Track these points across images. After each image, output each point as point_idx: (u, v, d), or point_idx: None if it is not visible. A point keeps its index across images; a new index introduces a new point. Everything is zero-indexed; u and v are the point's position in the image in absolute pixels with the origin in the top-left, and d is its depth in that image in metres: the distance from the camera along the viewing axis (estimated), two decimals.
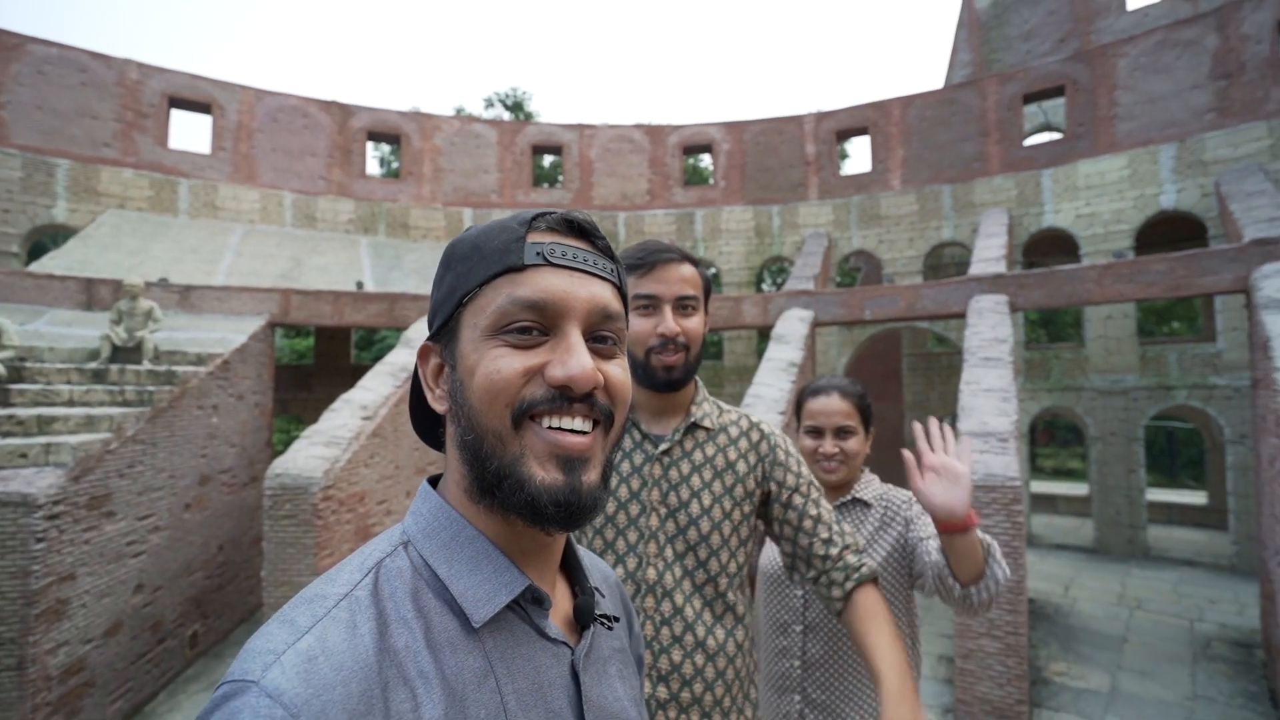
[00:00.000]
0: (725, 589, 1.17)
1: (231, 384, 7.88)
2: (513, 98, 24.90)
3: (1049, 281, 8.69)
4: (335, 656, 0.41)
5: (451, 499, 0.54)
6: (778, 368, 8.11)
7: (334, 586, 0.46)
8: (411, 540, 0.52)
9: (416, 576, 0.49)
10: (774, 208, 14.32)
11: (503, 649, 0.50)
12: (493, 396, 0.49)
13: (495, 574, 0.51)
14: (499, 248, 0.52)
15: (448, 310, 0.53)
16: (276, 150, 12.81)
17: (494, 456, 0.50)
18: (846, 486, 1.70)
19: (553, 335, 0.51)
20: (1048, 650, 7.22)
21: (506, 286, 0.51)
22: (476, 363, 0.50)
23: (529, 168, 14.77)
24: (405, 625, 0.46)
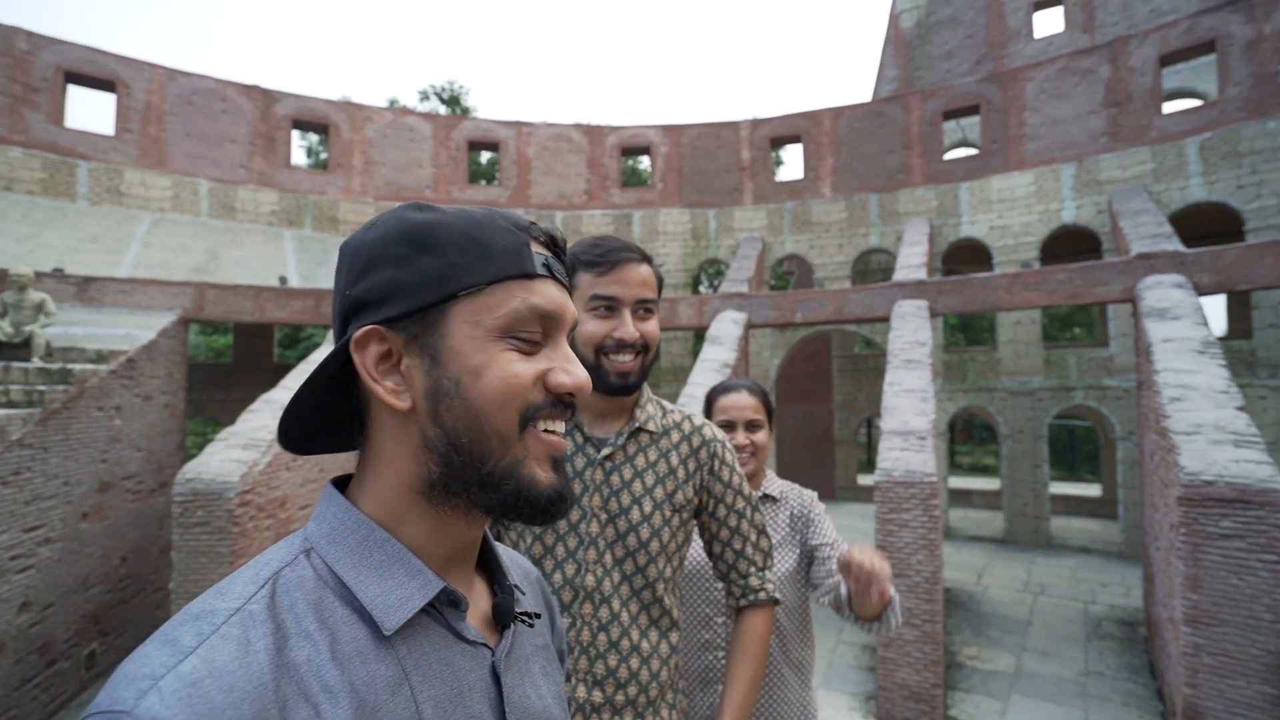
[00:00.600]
0: (662, 594, 1.18)
1: (138, 384, 7.36)
2: (449, 91, 24.31)
3: (965, 288, 9.25)
4: (225, 677, 0.39)
5: (372, 502, 0.51)
6: (712, 368, 8.27)
7: (224, 600, 0.43)
8: (315, 547, 0.49)
9: (320, 586, 0.47)
10: (710, 211, 14.59)
11: (417, 655, 0.48)
12: (508, 400, 0.50)
13: (407, 578, 0.49)
14: (509, 249, 0.51)
15: (427, 298, 0.49)
16: (191, 135, 12.03)
17: (493, 458, 0.49)
18: (755, 481, 1.80)
19: (547, 343, 0.53)
20: (961, 636, 7.68)
21: (521, 291, 0.51)
22: (487, 362, 0.50)
23: (465, 163, 14.47)
24: (307, 638, 0.44)
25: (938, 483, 5.57)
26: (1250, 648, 4.40)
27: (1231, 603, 4.47)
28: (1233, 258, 7.61)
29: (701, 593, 1.70)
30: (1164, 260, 7.87)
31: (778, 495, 1.80)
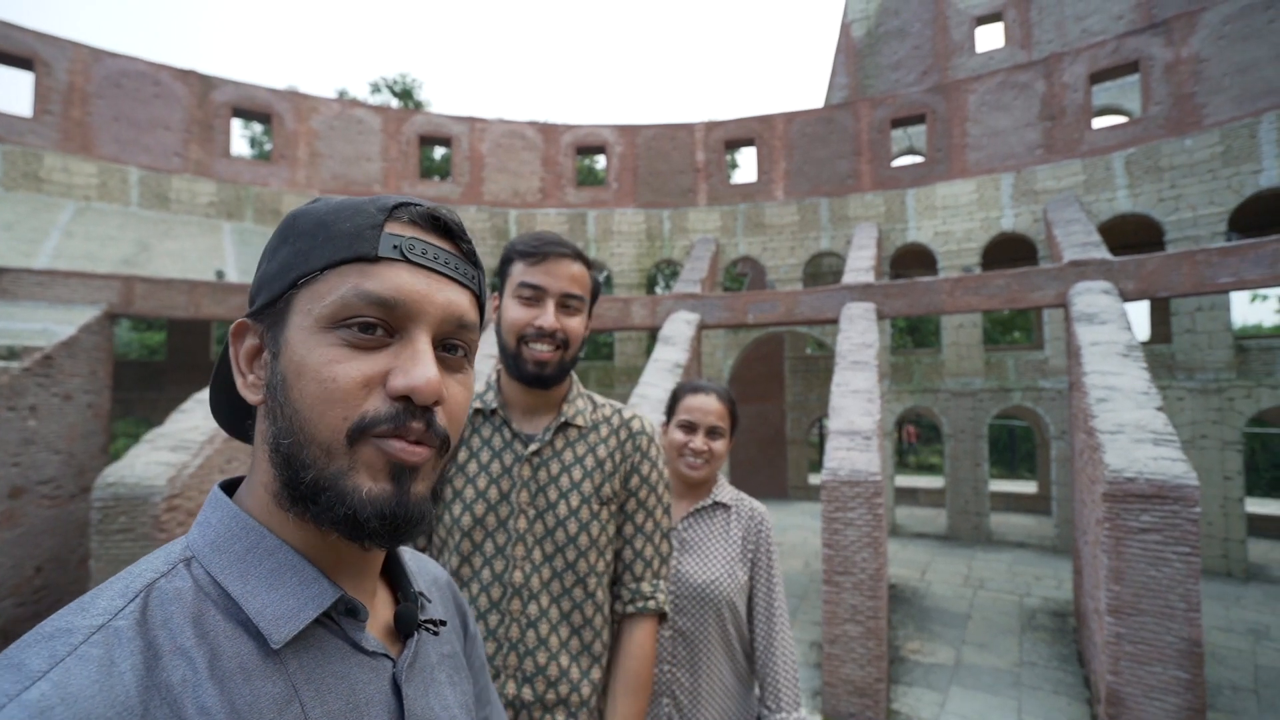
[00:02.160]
0: (594, 588, 1.17)
1: (55, 382, 6.91)
2: (401, 84, 23.74)
3: (910, 292, 9.53)
4: (80, 703, 0.35)
5: (253, 504, 0.48)
6: (664, 368, 8.30)
7: (84, 618, 0.39)
8: (196, 555, 0.45)
9: (201, 598, 0.43)
10: (665, 212, 14.65)
11: (309, 669, 0.45)
12: (326, 407, 0.44)
13: (300, 587, 0.45)
14: (350, 231, 0.46)
15: (277, 289, 0.47)
16: (120, 120, 11.38)
17: (312, 467, 0.44)
18: (706, 488, 1.75)
19: (398, 338, 0.47)
20: (905, 630, 7.90)
21: (354, 276, 0.46)
22: (305, 358, 0.45)
23: (416, 158, 14.14)
24: (183, 656, 0.40)
25: (882, 481, 5.71)
26: (1165, 635, 4.66)
27: (1150, 593, 4.73)
28: (1154, 266, 8.07)
29: None
30: (1093, 268, 8.28)
31: (730, 503, 1.74)
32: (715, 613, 1.61)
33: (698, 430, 1.68)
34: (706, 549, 1.68)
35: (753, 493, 16.10)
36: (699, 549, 1.68)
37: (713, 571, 1.64)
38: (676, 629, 1.62)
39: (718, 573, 1.64)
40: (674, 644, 1.61)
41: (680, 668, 1.61)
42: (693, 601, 1.62)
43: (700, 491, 1.75)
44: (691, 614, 1.62)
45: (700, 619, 1.62)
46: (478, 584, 1.13)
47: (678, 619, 1.62)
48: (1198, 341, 10.20)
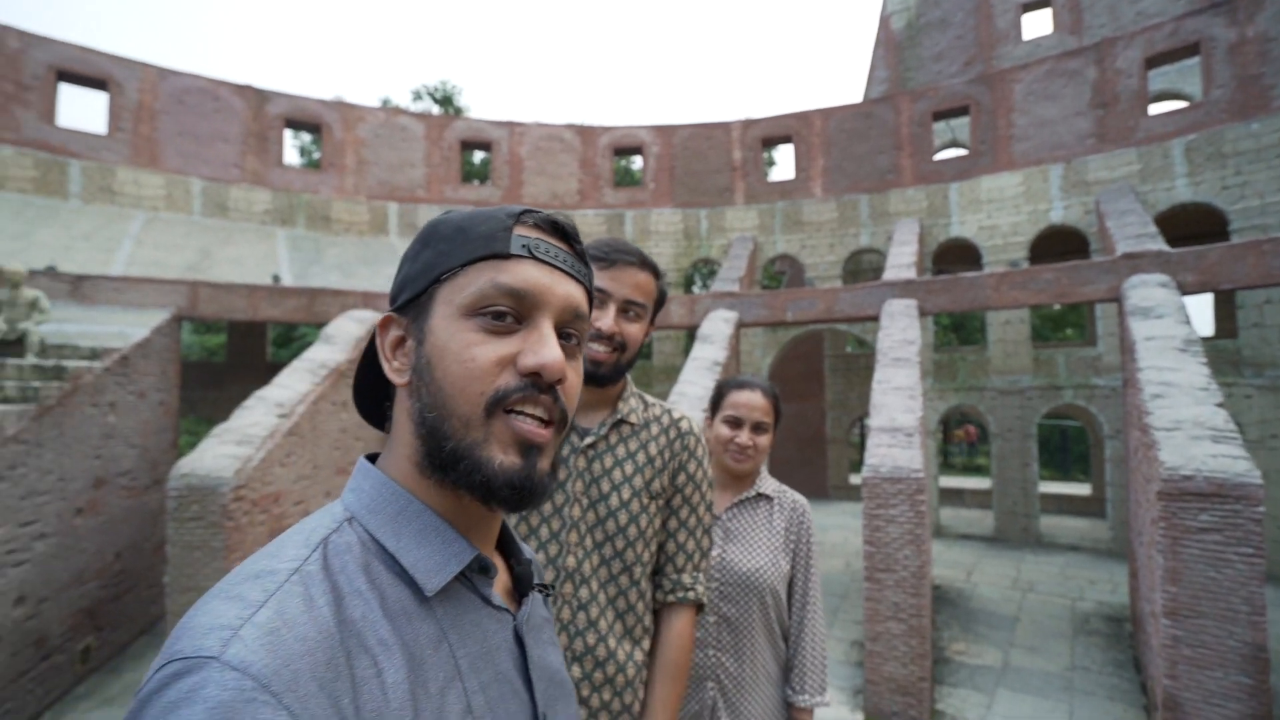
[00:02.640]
0: (639, 577, 1.24)
1: (132, 381, 7.38)
2: (442, 91, 24.32)
3: (953, 288, 9.35)
4: (298, 628, 0.41)
5: (396, 473, 0.55)
6: (702, 367, 8.35)
7: (280, 562, 0.45)
8: (355, 516, 0.52)
9: (365, 550, 0.50)
10: (702, 211, 14.67)
11: (452, 616, 0.51)
12: (466, 383, 0.51)
13: (444, 545, 0.52)
14: (486, 233, 0.53)
15: (421, 285, 0.54)
16: (184, 134, 12.03)
17: (452, 437, 0.51)
18: (749, 480, 1.80)
19: (525, 325, 0.53)
20: (950, 632, 7.77)
21: (490, 271, 0.52)
22: (448, 342, 0.52)
23: (458, 163, 14.51)
24: (360, 597, 0.46)
25: (924, 478, 5.65)
26: (1227, 639, 4.49)
27: (1209, 595, 4.57)
28: (1216, 257, 7.74)
29: None
30: (1149, 260, 7.98)
31: (772, 495, 1.80)
32: (759, 600, 1.67)
33: (743, 425, 1.73)
34: (751, 538, 1.73)
35: None
36: (743, 538, 1.73)
37: (757, 560, 1.69)
38: (721, 615, 1.67)
39: (762, 561, 1.69)
40: (719, 630, 1.66)
41: (725, 653, 1.66)
42: (737, 589, 1.67)
43: (744, 483, 1.80)
44: (736, 600, 1.67)
45: (744, 605, 1.67)
46: None
47: (722, 605, 1.67)
48: (1266, 336, 9.72)
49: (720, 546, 1.72)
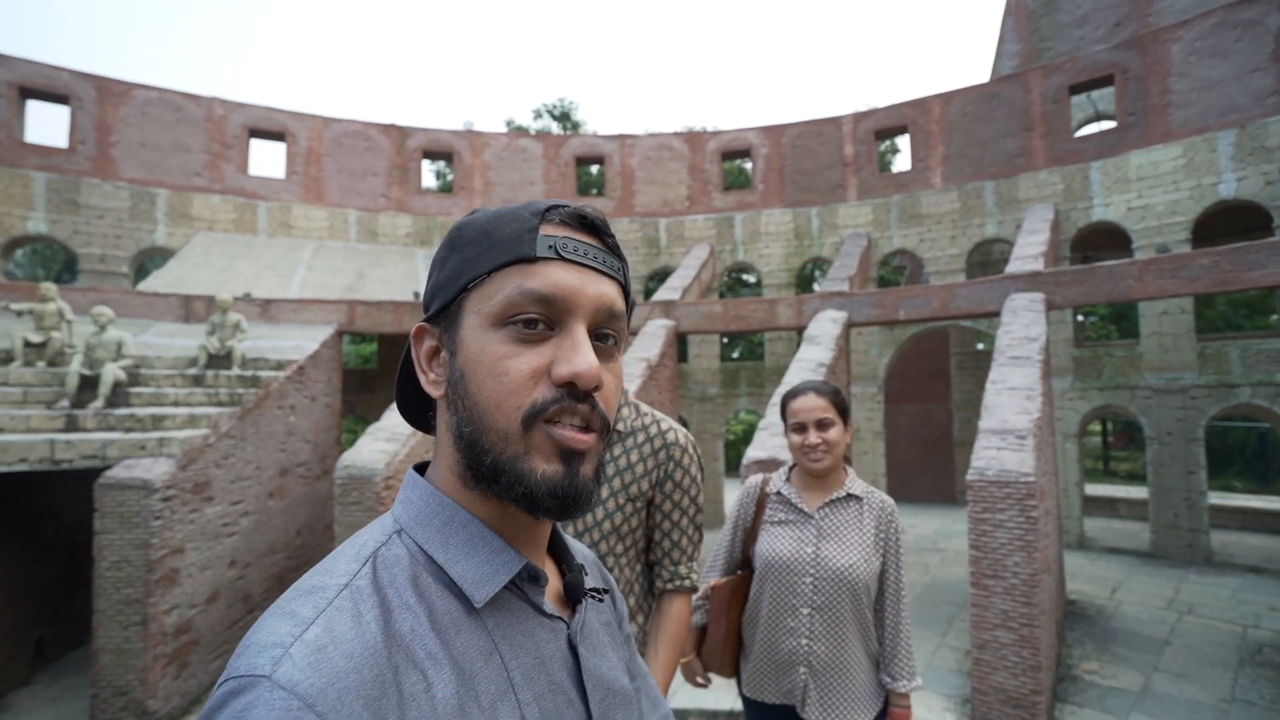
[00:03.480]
0: (611, 566, 1.40)
1: (306, 386, 8.77)
2: (560, 108, 25.71)
3: (1088, 278, 8.60)
4: (345, 645, 0.41)
5: (443, 484, 0.54)
6: (807, 368, 8.36)
7: (331, 578, 0.46)
8: (404, 528, 0.52)
9: (414, 563, 0.49)
10: (813, 209, 14.45)
11: (503, 627, 0.50)
12: (501, 398, 0.49)
13: (492, 555, 0.51)
14: (510, 236, 0.51)
15: (450, 294, 0.52)
16: (342, 171, 13.89)
17: (491, 451, 0.49)
18: (837, 480, 1.92)
19: (558, 330, 0.51)
20: (1082, 649, 7.21)
21: (516, 277, 0.50)
22: (480, 354, 0.50)
23: (573, 178, 15.41)
24: (409, 610, 0.46)
25: (1037, 483, 5.38)
26: None
27: None
28: None
29: (789, 585, 1.86)
30: None
31: (861, 494, 1.90)
32: (851, 594, 1.79)
33: (807, 428, 1.86)
34: (843, 536, 1.85)
35: (916, 497, 15.29)
36: (836, 536, 1.85)
37: (850, 557, 1.81)
38: (815, 606, 1.80)
39: (854, 558, 1.80)
40: (812, 620, 1.80)
41: (817, 641, 1.80)
42: (831, 583, 1.80)
43: (832, 483, 1.93)
44: (829, 593, 1.80)
45: (836, 598, 1.80)
46: None
47: (815, 597, 1.80)
48: None
49: (814, 544, 1.85)
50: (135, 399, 6.89)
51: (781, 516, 1.93)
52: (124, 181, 11.93)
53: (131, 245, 11.92)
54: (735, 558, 2.04)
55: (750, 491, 2.04)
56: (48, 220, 11.35)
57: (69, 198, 11.49)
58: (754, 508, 2.01)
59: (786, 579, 1.84)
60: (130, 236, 11.92)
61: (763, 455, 6.49)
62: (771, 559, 1.88)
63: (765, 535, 1.93)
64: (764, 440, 6.81)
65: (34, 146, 11.38)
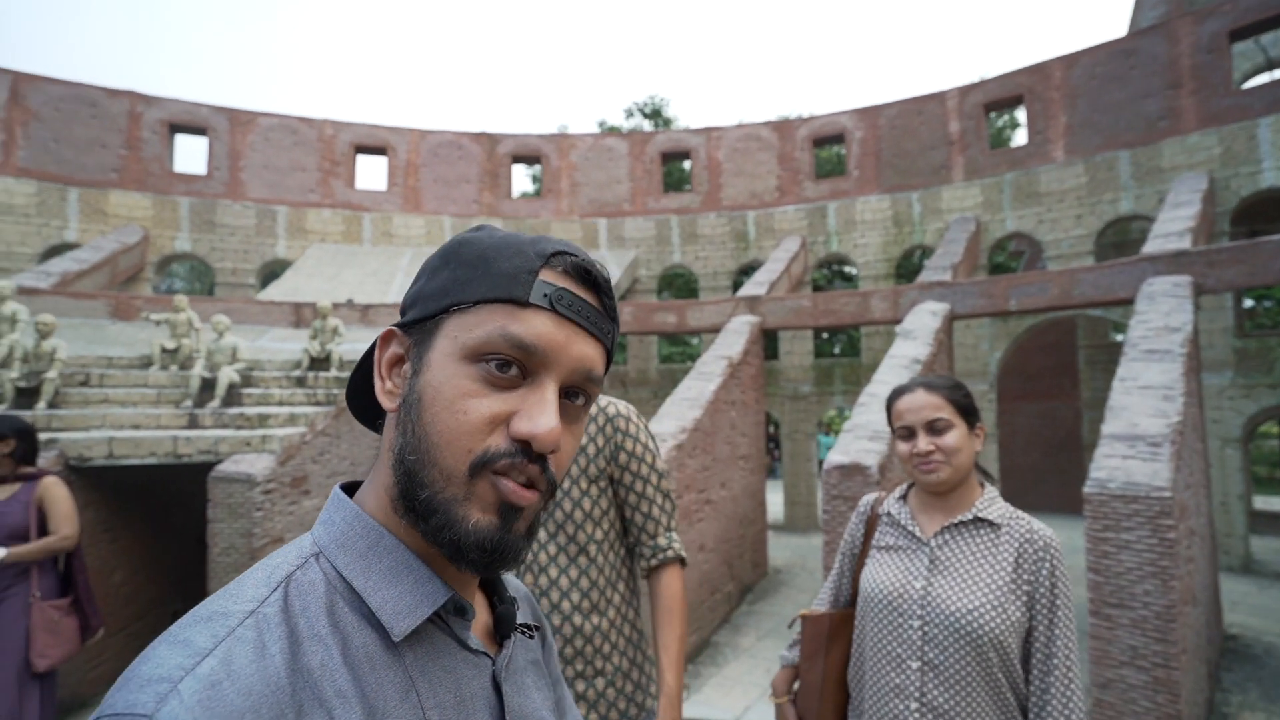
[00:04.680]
0: (595, 555, 1.39)
1: None
2: (651, 105, 25.70)
3: (1251, 255, 7.29)
4: (243, 680, 0.38)
5: (372, 504, 0.51)
6: (899, 365, 7.69)
7: (236, 603, 0.43)
8: (323, 551, 0.49)
9: (331, 590, 0.46)
10: (914, 194, 13.40)
11: (423, 663, 0.48)
12: (454, 437, 0.46)
13: (416, 585, 0.48)
14: (508, 272, 0.49)
15: (432, 308, 0.50)
16: (437, 181, 14.59)
17: (429, 488, 0.47)
18: (963, 498, 1.50)
19: (529, 381, 0.49)
20: (1243, 696, 6.10)
21: (503, 316, 0.48)
22: (444, 384, 0.47)
23: (659, 175, 15.27)
24: (320, 642, 0.43)
25: (1174, 498, 4.56)
26: None
27: None
28: None
29: (890, 627, 1.45)
30: None
31: (997, 520, 1.44)
32: (975, 651, 1.34)
33: (915, 432, 1.49)
34: (965, 572, 1.42)
35: (1036, 506, 13.81)
36: (955, 571, 1.42)
37: (972, 600, 1.37)
38: (926, 661, 1.39)
39: (979, 602, 1.36)
40: (923, 679, 1.39)
41: (930, 711, 1.37)
42: (946, 631, 1.37)
43: (956, 503, 1.50)
44: (944, 646, 1.37)
45: (955, 654, 1.35)
46: None
47: (927, 649, 1.39)
48: None
49: (924, 577, 1.45)
50: (246, 399, 7.52)
51: (889, 541, 1.56)
52: (251, 201, 13.20)
53: (257, 258, 13.17)
54: (843, 590, 1.70)
55: (860, 512, 1.70)
56: (191, 239, 12.78)
57: (207, 218, 12.87)
58: (863, 530, 1.67)
59: (890, 620, 1.46)
60: (256, 251, 13.18)
61: (844, 460, 6.01)
62: (872, 591, 1.52)
63: (871, 563, 1.57)
64: (847, 443, 6.31)
65: (180, 175, 12.87)
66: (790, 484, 13.46)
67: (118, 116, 12.46)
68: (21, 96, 11.84)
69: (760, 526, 9.54)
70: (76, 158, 12.13)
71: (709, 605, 7.64)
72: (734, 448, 8.79)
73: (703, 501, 7.70)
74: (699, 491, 7.57)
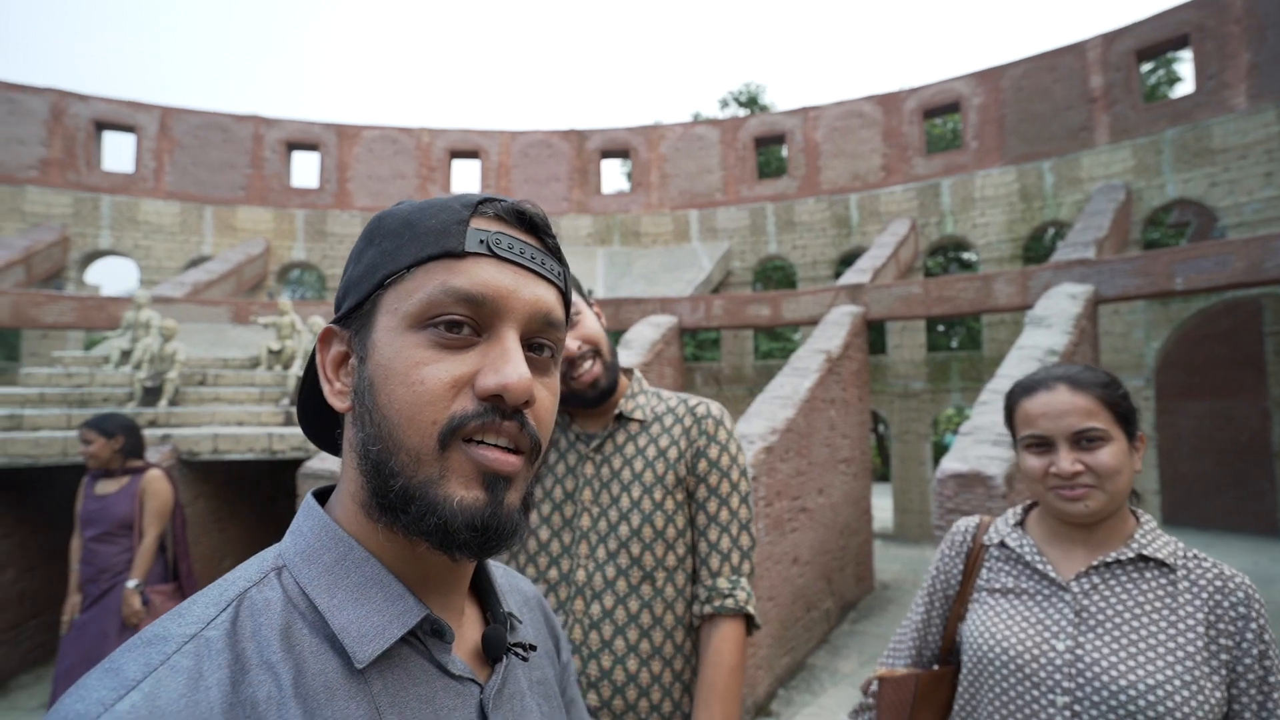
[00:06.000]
0: (663, 584, 1.13)
1: None
2: (746, 93, 24.80)
3: None
4: (168, 717, 0.34)
5: (343, 514, 0.47)
6: (1030, 357, 6.59)
7: (179, 625, 0.39)
8: (288, 565, 0.45)
9: (290, 609, 0.42)
10: (1045, 163, 11.77)
11: (393, 691, 0.43)
12: (415, 411, 0.43)
13: (386, 604, 0.44)
14: (436, 228, 0.45)
15: (364, 291, 0.46)
16: (529, 180, 14.73)
17: (402, 474, 0.43)
18: (1115, 531, 1.07)
19: (486, 337, 0.45)
20: None
21: (441, 273, 0.44)
22: (393, 360, 0.44)
23: (752, 161, 14.53)
24: (269, 671, 0.39)
25: None
26: None
27: None
28: None
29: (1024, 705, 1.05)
30: None
31: (1170, 561, 1.04)
32: None
33: (1055, 444, 1.07)
34: (1132, 631, 1.01)
35: (1210, 524, 11.74)
36: (1116, 629, 1.02)
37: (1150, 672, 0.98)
38: None
39: (1162, 675, 0.97)
40: None
41: None
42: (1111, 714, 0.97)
43: (1104, 535, 1.08)
44: None
45: None
46: (545, 584, 1.15)
47: None
48: None
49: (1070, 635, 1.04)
50: None
51: (1007, 583, 1.12)
52: (357, 210, 13.95)
53: None
54: (930, 642, 1.23)
55: (957, 541, 1.21)
56: (305, 248, 13.71)
57: (319, 228, 13.75)
58: (962, 565, 1.20)
59: (1018, 692, 1.04)
60: None
61: (961, 468, 5.14)
62: (988, 650, 1.08)
63: (980, 611, 1.13)
64: (964, 448, 5.42)
65: (296, 189, 13.84)
66: (900, 489, 12.29)
67: (244, 139, 13.60)
68: (168, 128, 13.21)
69: (864, 537, 8.67)
70: (211, 178, 13.35)
71: (804, 624, 6.95)
72: (833, 450, 8.00)
73: (797, 509, 7.02)
74: (793, 498, 6.89)
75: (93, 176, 12.71)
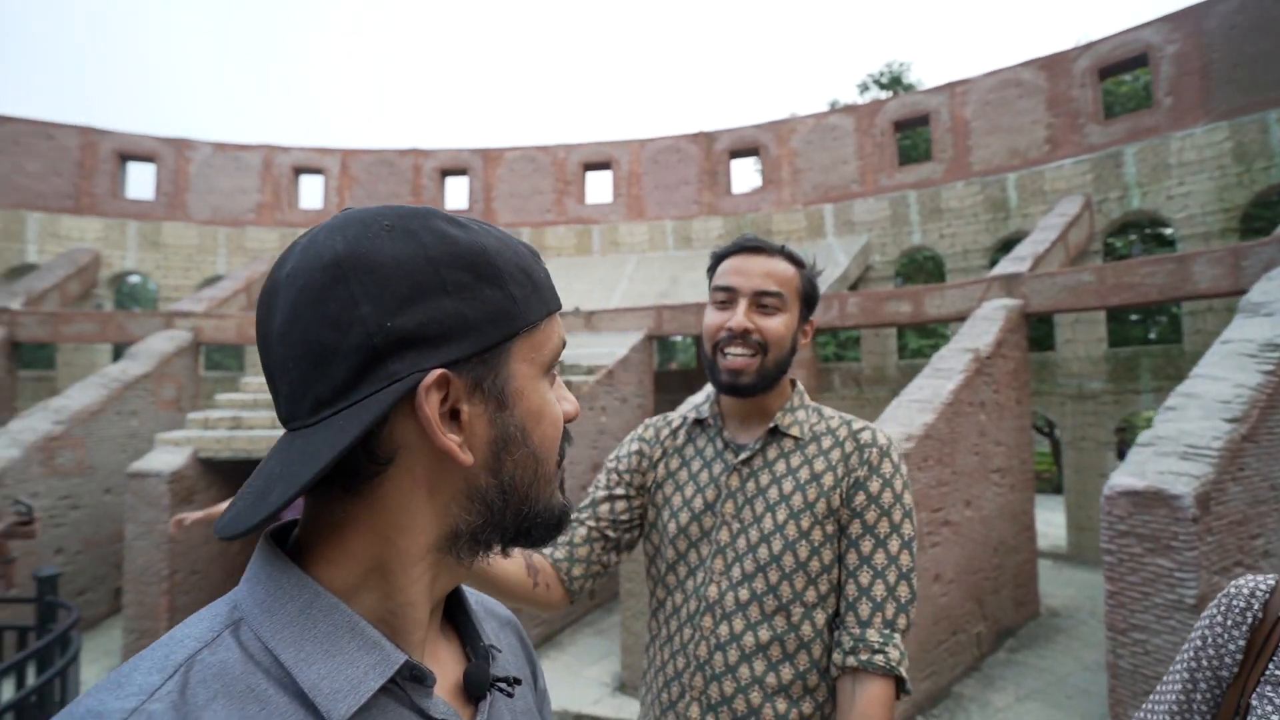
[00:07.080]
0: (799, 620, 1.04)
1: (616, 389, 9.54)
2: (889, 74, 23.21)
3: None
4: None
5: (348, 565, 0.43)
6: (1239, 352, 5.50)
7: (116, 698, 0.34)
8: (246, 617, 0.40)
9: (250, 669, 0.38)
10: (1271, 114, 9.74)
11: None
12: (554, 446, 0.49)
13: (360, 653, 0.41)
14: (546, 283, 0.49)
15: (496, 336, 0.43)
16: (658, 186, 14.96)
17: (540, 499, 0.48)
18: None
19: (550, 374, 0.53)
20: None
21: (556, 327, 0.49)
22: (542, 404, 0.47)
23: (891, 148, 13.58)
24: None
25: None
26: None
27: None
28: None
29: None
30: None
31: None
32: None
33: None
34: None
35: None
36: None
37: None
38: None
39: None
40: None
41: None
42: None
43: None
44: None
45: None
46: (681, 594, 1.12)
47: None
48: None
49: None
50: None
51: None
52: (502, 227, 15.04)
53: None
54: None
55: (1238, 607, 0.92)
56: None
57: None
58: (1243, 643, 0.90)
59: None
60: None
61: (1137, 484, 4.44)
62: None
63: (1274, 711, 0.84)
64: (1143, 461, 4.66)
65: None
66: (1075, 504, 10.81)
67: (405, 170, 15.25)
68: (348, 166, 15.18)
69: (1026, 556, 7.76)
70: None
71: (948, 647, 6.37)
72: (984, 459, 7.26)
73: (939, 523, 6.46)
74: (933, 510, 6.36)
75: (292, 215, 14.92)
